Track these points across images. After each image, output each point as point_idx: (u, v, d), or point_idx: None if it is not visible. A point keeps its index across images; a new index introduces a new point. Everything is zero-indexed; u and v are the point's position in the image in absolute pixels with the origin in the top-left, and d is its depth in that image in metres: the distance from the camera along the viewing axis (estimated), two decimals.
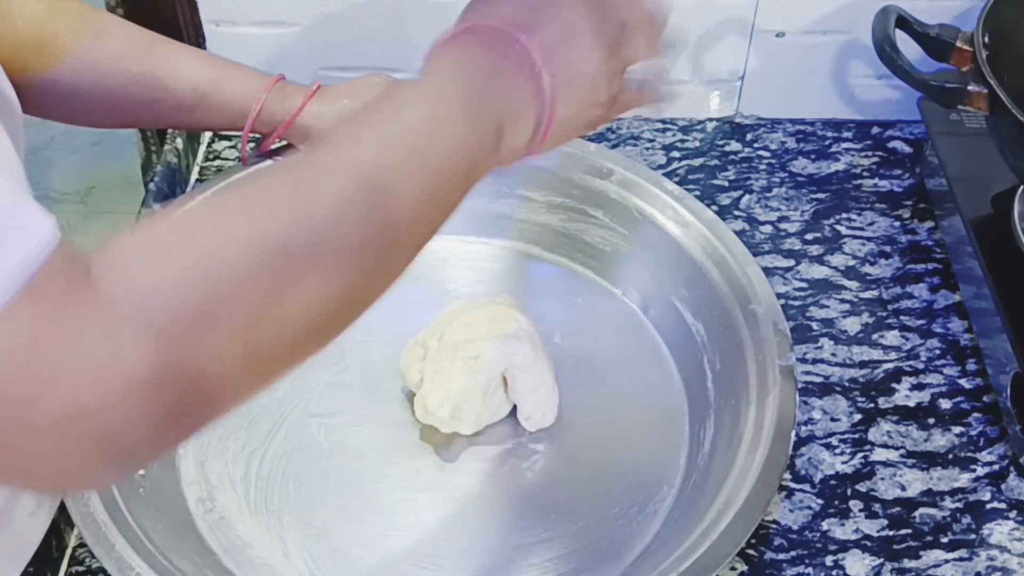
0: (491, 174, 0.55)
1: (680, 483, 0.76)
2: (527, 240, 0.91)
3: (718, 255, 0.82)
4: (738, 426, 0.74)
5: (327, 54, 1.01)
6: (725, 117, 1.05)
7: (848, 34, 1.00)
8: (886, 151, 1.02)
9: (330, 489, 0.76)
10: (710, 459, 0.76)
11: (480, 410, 0.77)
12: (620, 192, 0.87)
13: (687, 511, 0.73)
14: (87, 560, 0.73)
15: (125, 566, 0.64)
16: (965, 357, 0.85)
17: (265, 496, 0.75)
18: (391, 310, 0.86)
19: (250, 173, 0.83)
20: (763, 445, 0.70)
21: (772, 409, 0.72)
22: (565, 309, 0.87)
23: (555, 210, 0.90)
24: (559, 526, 0.74)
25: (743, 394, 0.75)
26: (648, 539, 0.73)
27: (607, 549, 0.73)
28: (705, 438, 0.78)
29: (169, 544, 0.68)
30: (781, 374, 0.74)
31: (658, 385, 0.83)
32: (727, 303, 0.80)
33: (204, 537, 0.73)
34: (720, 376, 0.79)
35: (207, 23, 0.99)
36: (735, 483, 0.69)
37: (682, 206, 0.85)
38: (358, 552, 0.73)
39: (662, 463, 0.78)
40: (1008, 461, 0.79)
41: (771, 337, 0.76)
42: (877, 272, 0.91)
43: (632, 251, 0.87)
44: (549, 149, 0.58)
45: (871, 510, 0.76)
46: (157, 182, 0.93)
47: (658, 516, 0.75)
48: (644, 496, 0.76)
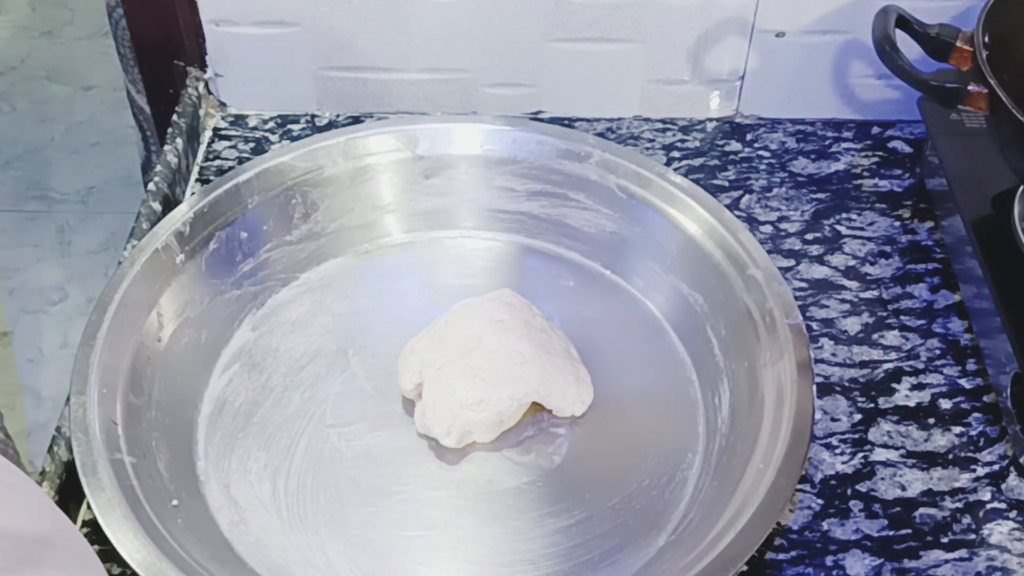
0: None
1: (703, 449, 0.78)
2: (510, 230, 0.91)
3: (708, 224, 0.83)
4: (758, 388, 0.75)
5: (327, 54, 1.01)
6: (725, 117, 1.05)
7: (848, 34, 1.00)
8: (886, 151, 1.02)
9: (363, 496, 0.76)
10: (732, 422, 0.77)
11: (494, 433, 0.77)
12: (601, 173, 0.88)
13: (719, 474, 0.74)
14: None
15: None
16: (965, 357, 0.85)
17: (299, 512, 0.74)
18: (389, 311, 0.87)
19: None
20: (788, 401, 0.72)
21: (789, 367, 0.74)
22: (558, 294, 0.87)
23: (536, 197, 0.90)
24: (595, 505, 0.75)
25: (757, 356, 0.77)
26: (683, 505, 0.75)
27: (646, 520, 0.74)
28: (722, 403, 0.79)
29: (218, 571, 0.68)
30: (791, 332, 0.75)
31: (663, 357, 0.84)
32: (724, 270, 0.81)
33: (245, 561, 0.72)
34: (727, 342, 0.81)
35: (207, 23, 0.99)
36: (768, 440, 0.71)
37: (665, 180, 0.86)
38: (402, 555, 0.73)
39: (682, 432, 0.79)
40: (1008, 461, 0.79)
41: (774, 298, 0.78)
42: (877, 272, 0.91)
43: (618, 230, 0.88)
44: None
45: (871, 510, 0.76)
46: (157, 182, 0.93)
47: (689, 482, 0.76)
48: (671, 465, 0.77)
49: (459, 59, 1.01)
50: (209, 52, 1.01)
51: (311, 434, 0.79)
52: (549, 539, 0.74)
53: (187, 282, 0.81)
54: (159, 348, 0.78)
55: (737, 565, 0.65)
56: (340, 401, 0.81)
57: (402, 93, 1.03)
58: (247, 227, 0.85)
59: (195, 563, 0.66)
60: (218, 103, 1.04)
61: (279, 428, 0.79)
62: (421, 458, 0.78)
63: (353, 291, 0.88)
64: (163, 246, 0.80)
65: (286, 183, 0.87)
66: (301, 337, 0.84)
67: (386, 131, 0.90)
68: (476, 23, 0.98)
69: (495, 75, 1.02)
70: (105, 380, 0.73)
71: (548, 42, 1.00)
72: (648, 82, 1.02)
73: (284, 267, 0.88)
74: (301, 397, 0.81)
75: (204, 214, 0.83)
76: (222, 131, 1.03)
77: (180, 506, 0.72)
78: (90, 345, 0.74)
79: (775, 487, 0.68)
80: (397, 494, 0.76)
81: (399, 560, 0.73)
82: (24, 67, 2.50)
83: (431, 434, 0.76)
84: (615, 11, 0.97)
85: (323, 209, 0.89)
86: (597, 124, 1.04)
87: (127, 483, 0.69)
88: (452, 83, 1.02)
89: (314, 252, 0.89)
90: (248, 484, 0.76)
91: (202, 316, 0.82)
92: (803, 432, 0.70)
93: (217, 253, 0.84)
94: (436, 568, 0.73)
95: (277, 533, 0.73)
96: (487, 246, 0.92)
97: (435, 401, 0.76)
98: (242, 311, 0.85)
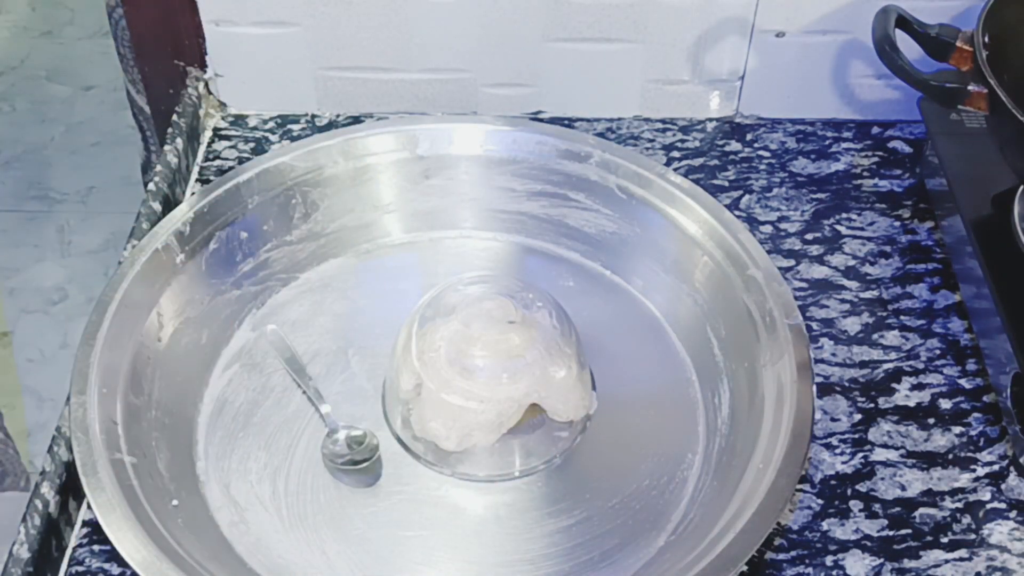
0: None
1: (703, 448, 0.78)
2: (510, 230, 0.91)
3: (708, 224, 0.83)
4: (758, 388, 0.75)
5: (327, 54, 1.01)
6: (725, 117, 1.05)
7: (848, 34, 1.00)
8: (886, 151, 1.02)
9: (363, 496, 0.76)
10: (732, 422, 0.77)
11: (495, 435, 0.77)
12: (601, 173, 0.88)
13: (719, 474, 0.74)
14: (87, 560, 0.73)
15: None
16: (965, 357, 0.85)
17: (299, 512, 0.75)
18: (389, 311, 0.87)
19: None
20: (788, 401, 0.72)
21: (789, 367, 0.74)
22: (558, 294, 0.87)
23: (536, 197, 0.90)
24: (595, 505, 0.75)
25: (757, 356, 0.77)
26: (683, 506, 0.75)
27: (645, 520, 0.74)
28: (722, 403, 0.79)
29: (218, 571, 0.67)
30: (791, 333, 0.75)
31: (663, 357, 0.84)
32: (724, 270, 0.81)
33: (245, 561, 0.72)
34: (727, 342, 0.81)
35: (207, 23, 0.99)
36: (768, 440, 0.71)
37: (665, 181, 0.86)
38: (402, 555, 0.73)
39: (681, 432, 0.79)
40: (1008, 461, 0.79)
41: (774, 298, 0.78)
42: (877, 272, 0.91)
43: (618, 230, 0.88)
44: None
45: (871, 510, 0.76)
46: (157, 182, 0.93)
47: (689, 482, 0.76)
48: (671, 465, 0.77)
49: (459, 59, 1.01)
50: (209, 52, 1.01)
51: (311, 434, 0.79)
52: (549, 539, 0.74)
53: (187, 282, 0.81)
54: (159, 348, 0.78)
55: (737, 565, 0.65)
56: (340, 401, 0.80)
57: (402, 93, 1.03)
58: (247, 227, 0.85)
59: (195, 563, 0.66)
60: (218, 103, 1.05)
61: (278, 429, 0.79)
62: (421, 458, 0.78)
63: (353, 291, 0.88)
64: (163, 246, 0.80)
65: (286, 183, 0.87)
66: (301, 337, 0.84)
67: (386, 131, 0.90)
68: (476, 23, 0.98)
69: (495, 75, 1.02)
70: (105, 380, 0.73)
71: (548, 42, 1.00)
72: (648, 82, 1.02)
73: (284, 267, 0.88)
74: (301, 397, 0.81)
75: (204, 214, 0.83)
76: (222, 131, 1.03)
77: (180, 506, 0.72)
78: (90, 345, 0.74)
79: (775, 487, 0.68)
80: (397, 494, 0.76)
81: (399, 560, 0.73)
82: (24, 67, 2.50)
83: (430, 436, 0.76)
84: (615, 11, 0.97)
85: (323, 209, 0.89)
86: (597, 124, 1.04)
87: (127, 483, 0.69)
88: (452, 83, 1.02)
89: (314, 252, 0.89)
90: (248, 484, 0.76)
91: (202, 316, 0.82)
92: (803, 432, 0.70)
93: (217, 253, 0.84)
94: (436, 568, 0.73)
95: (277, 533, 0.73)
96: (487, 246, 0.92)
97: (434, 402, 0.76)
98: (242, 311, 0.85)
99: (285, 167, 0.87)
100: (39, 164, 2.26)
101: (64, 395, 0.74)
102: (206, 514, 0.74)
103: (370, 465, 0.77)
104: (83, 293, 2.02)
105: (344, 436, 0.78)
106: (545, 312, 0.79)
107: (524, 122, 0.92)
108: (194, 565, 0.66)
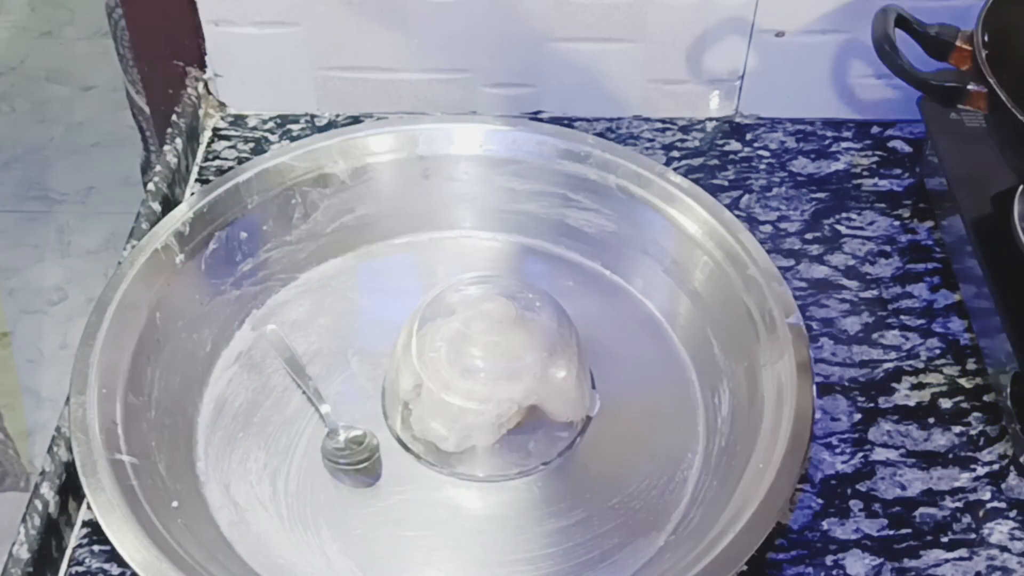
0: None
1: (703, 449, 0.78)
2: (510, 230, 0.91)
3: (708, 224, 0.83)
4: (758, 388, 0.75)
5: (327, 54, 1.01)
6: (725, 117, 1.05)
7: (848, 34, 1.00)
8: (886, 151, 1.02)
9: (363, 496, 0.76)
10: (732, 422, 0.77)
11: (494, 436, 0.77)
12: (600, 173, 0.88)
13: (719, 474, 0.74)
14: (87, 560, 0.73)
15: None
16: (965, 357, 0.85)
17: (299, 512, 0.75)
18: (389, 312, 0.87)
19: None
20: (788, 401, 0.72)
21: (789, 367, 0.74)
22: (558, 294, 0.87)
23: (536, 197, 0.90)
24: (595, 504, 0.75)
25: (757, 356, 0.77)
26: (683, 506, 0.75)
27: (645, 520, 0.74)
28: (722, 403, 0.79)
29: (218, 571, 0.67)
30: (791, 332, 0.75)
31: (663, 357, 0.84)
32: (724, 270, 0.81)
33: (245, 561, 0.72)
34: (727, 342, 0.81)
35: (207, 23, 0.99)
36: (768, 440, 0.71)
37: (664, 180, 0.86)
38: (402, 555, 0.73)
39: (681, 432, 0.79)
40: (1008, 461, 0.79)
41: (774, 298, 0.78)
42: (877, 272, 0.91)
43: (618, 230, 0.88)
44: None
45: (871, 510, 0.76)
46: (157, 182, 0.93)
47: (688, 482, 0.76)
48: (671, 465, 0.77)
49: (459, 59, 1.01)
50: (209, 52, 1.01)
51: (311, 434, 0.79)
52: (549, 539, 0.74)
53: (187, 282, 0.81)
54: (159, 348, 0.78)
55: (737, 565, 0.65)
56: (340, 402, 0.80)
57: (402, 93, 1.03)
58: (247, 227, 0.85)
59: (195, 563, 0.66)
60: (218, 103, 1.04)
61: (278, 429, 0.79)
62: (421, 458, 0.78)
63: (353, 291, 0.88)
64: (163, 246, 0.80)
65: (286, 183, 0.87)
66: (301, 337, 0.84)
67: (386, 131, 0.90)
68: (476, 23, 0.98)
69: (495, 75, 1.02)
70: (105, 380, 0.73)
71: (548, 42, 1.00)
72: (648, 82, 1.02)
73: (284, 267, 0.88)
74: (301, 397, 0.81)
75: (204, 214, 0.83)
76: (222, 131, 1.03)
77: (180, 506, 0.71)
78: (90, 345, 0.74)
79: (775, 487, 0.68)
80: (397, 494, 0.76)
81: (399, 560, 0.73)
82: (24, 67, 2.50)
83: (430, 436, 0.76)
84: (615, 11, 0.97)
85: (323, 209, 0.88)
86: (597, 124, 1.04)
87: (127, 483, 0.69)
88: (452, 83, 1.02)
89: (314, 252, 0.89)
90: (248, 484, 0.76)
91: (202, 316, 0.82)
92: (803, 432, 0.70)
93: (217, 253, 0.83)
94: (436, 568, 0.73)
95: (277, 533, 0.74)
96: (487, 246, 0.92)
97: (434, 403, 0.76)
98: (242, 311, 0.85)
99: (285, 167, 0.87)
100: (39, 164, 2.26)
101: (64, 395, 0.74)
102: (206, 514, 0.74)
103: (370, 465, 0.77)
104: (83, 293, 2.02)
105: (344, 436, 0.78)
106: (545, 312, 0.79)
107: (524, 122, 0.92)
108: (194, 565, 0.66)
